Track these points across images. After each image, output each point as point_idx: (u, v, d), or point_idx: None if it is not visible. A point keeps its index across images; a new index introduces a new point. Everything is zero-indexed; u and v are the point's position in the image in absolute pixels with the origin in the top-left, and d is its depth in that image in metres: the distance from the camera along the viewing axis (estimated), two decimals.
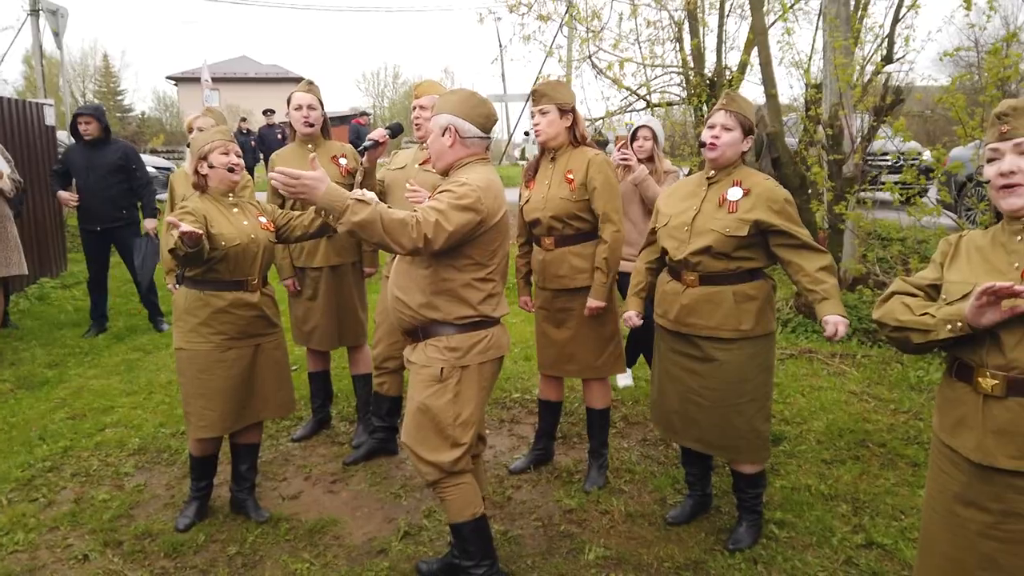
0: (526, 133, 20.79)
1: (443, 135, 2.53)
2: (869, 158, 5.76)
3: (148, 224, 6.09)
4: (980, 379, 1.79)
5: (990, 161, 1.84)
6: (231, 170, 3.05)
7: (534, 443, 3.74)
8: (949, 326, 1.77)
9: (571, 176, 3.23)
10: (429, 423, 2.48)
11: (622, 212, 3.29)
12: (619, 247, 3.23)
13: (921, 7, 6.91)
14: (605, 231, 3.21)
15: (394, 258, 3.61)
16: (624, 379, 4.80)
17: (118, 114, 42.22)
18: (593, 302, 3.24)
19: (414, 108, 3.60)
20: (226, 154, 3.05)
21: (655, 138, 4.34)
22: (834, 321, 2.61)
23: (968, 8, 5.06)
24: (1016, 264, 1.78)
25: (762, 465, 2.96)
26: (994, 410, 1.77)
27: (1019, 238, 1.80)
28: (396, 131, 3.69)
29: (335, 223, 2.26)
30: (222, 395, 3.03)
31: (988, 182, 1.87)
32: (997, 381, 1.75)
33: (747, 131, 2.80)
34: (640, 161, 4.18)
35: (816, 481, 3.45)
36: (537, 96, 3.29)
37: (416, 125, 3.59)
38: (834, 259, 5.64)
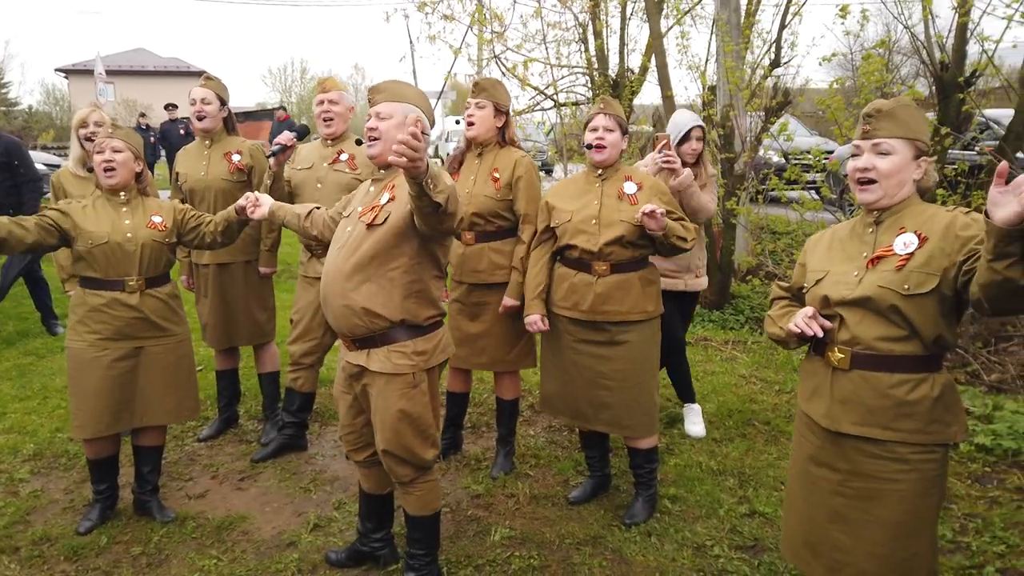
0: (457, 121, 20.19)
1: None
2: (790, 156, 6.13)
3: None
4: (830, 353, 2.03)
5: (853, 156, 2.05)
6: (105, 170, 3.00)
7: (442, 433, 3.84)
8: (793, 342, 2.12)
9: (497, 175, 3.30)
10: (410, 428, 2.47)
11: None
12: None
13: (805, 15, 7.39)
14: (525, 232, 3.29)
15: (310, 259, 3.63)
16: (695, 426, 4.05)
17: (2, 108, 39.57)
18: (508, 300, 3.31)
19: (322, 102, 3.60)
20: (100, 152, 3.00)
21: (704, 139, 3.93)
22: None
23: (844, 16, 5.46)
24: (865, 253, 2.02)
25: (656, 437, 3.18)
26: (841, 381, 2.01)
27: (871, 230, 2.05)
28: (303, 133, 3.68)
29: (435, 192, 2.09)
30: (95, 396, 2.99)
31: (847, 175, 2.09)
32: (843, 355, 2.00)
33: (624, 131, 3.05)
34: (686, 164, 3.71)
35: (707, 458, 3.69)
36: (477, 89, 3.35)
37: (327, 121, 3.60)
38: (728, 251, 6.01)
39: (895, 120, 1.97)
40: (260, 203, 2.93)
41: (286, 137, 3.40)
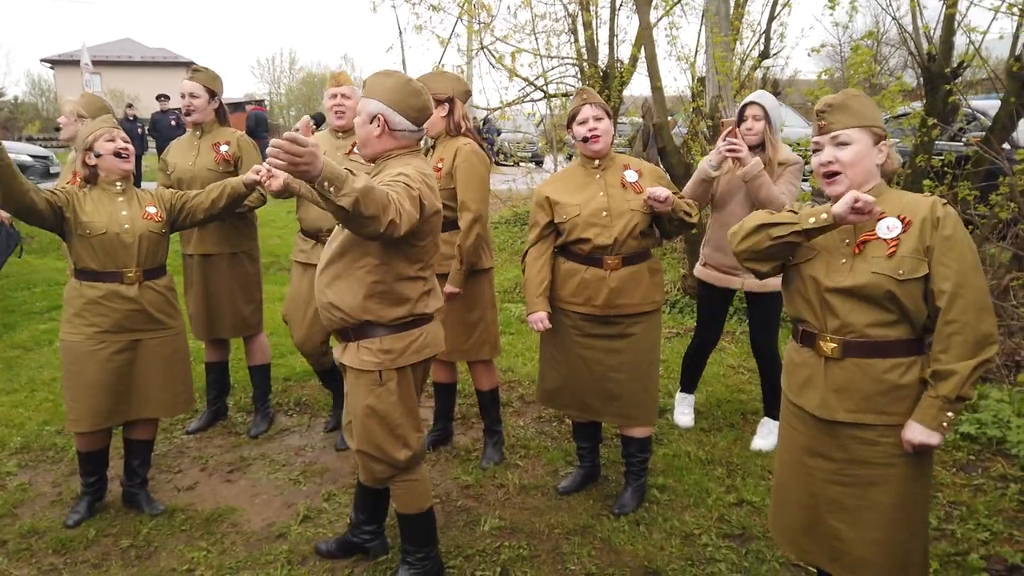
0: None
1: (371, 123, 2.37)
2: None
3: (1, 213, 5.66)
4: (821, 343, 2.04)
5: (814, 152, 2.10)
6: (119, 155, 2.99)
7: (432, 425, 3.85)
8: (813, 219, 1.95)
9: (439, 166, 3.30)
10: (379, 425, 2.45)
11: (486, 202, 3.30)
12: (472, 234, 3.25)
13: (794, 5, 7.39)
14: (462, 218, 3.27)
15: (313, 246, 3.61)
16: (684, 416, 4.06)
17: None
18: (448, 287, 3.29)
19: (335, 96, 3.58)
20: (112, 140, 2.99)
21: (767, 118, 3.46)
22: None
23: (833, 8, 5.47)
24: (847, 240, 2.03)
25: (652, 427, 3.21)
26: (834, 370, 2.02)
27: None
28: (320, 121, 3.64)
29: (337, 195, 1.93)
30: (92, 389, 2.97)
31: (813, 171, 2.14)
32: (835, 344, 2.01)
33: (610, 116, 3.06)
34: (750, 149, 3.35)
35: (695, 448, 3.71)
36: None
37: (338, 114, 3.59)
38: None
39: (848, 111, 2.01)
40: (275, 174, 2.87)
41: (304, 123, 3.35)
